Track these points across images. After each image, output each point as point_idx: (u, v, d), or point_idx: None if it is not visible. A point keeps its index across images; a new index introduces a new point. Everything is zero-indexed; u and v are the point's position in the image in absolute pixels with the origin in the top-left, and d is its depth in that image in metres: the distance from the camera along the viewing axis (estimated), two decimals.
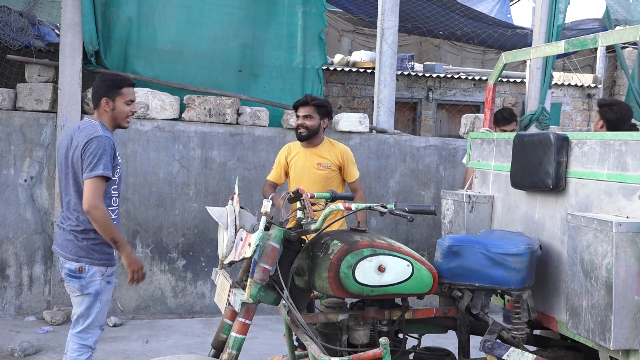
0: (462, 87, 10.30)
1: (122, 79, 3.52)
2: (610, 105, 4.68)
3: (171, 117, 5.96)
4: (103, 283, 3.40)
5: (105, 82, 3.47)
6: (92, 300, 3.37)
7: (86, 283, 3.35)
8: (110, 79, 3.50)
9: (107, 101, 3.40)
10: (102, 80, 3.49)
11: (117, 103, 3.41)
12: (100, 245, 3.35)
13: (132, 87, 3.49)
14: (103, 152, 3.24)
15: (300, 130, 4.41)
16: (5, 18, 6.18)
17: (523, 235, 3.16)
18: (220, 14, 6.32)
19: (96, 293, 3.37)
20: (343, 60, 9.84)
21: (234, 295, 2.64)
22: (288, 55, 6.50)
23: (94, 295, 3.37)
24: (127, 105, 3.44)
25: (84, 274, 3.33)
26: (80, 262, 3.33)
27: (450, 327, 3.13)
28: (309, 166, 4.41)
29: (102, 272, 3.39)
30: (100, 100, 3.41)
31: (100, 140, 3.26)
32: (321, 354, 2.52)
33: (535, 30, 7.00)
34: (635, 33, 2.86)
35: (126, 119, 3.47)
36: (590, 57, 11.80)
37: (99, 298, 3.39)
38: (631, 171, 2.70)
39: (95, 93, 3.44)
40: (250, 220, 2.83)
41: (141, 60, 6.11)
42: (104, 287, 3.41)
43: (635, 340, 2.57)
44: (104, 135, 3.30)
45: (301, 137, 4.43)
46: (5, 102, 5.58)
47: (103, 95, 3.40)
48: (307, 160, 4.43)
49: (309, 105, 4.42)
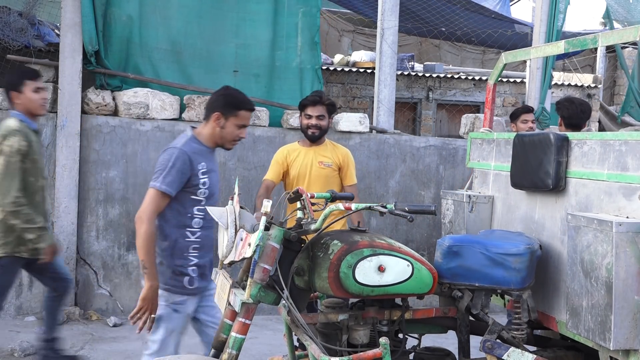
0: (462, 87, 10.30)
1: (244, 100, 3.26)
2: (564, 102, 4.75)
3: (171, 117, 5.96)
4: (168, 309, 3.15)
5: (224, 97, 3.23)
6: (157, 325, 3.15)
7: None
8: (233, 95, 3.26)
9: (219, 117, 3.17)
10: (222, 95, 3.25)
11: (228, 124, 3.19)
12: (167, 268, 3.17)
13: (250, 111, 3.27)
14: (172, 165, 3.03)
15: (313, 131, 4.31)
16: (5, 18, 6.17)
17: (523, 235, 3.16)
18: (218, 15, 6.32)
19: (159, 317, 3.13)
20: (343, 60, 9.83)
21: (234, 295, 2.64)
22: (287, 55, 6.50)
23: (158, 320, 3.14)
24: (237, 128, 3.21)
25: None
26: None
27: (450, 327, 3.13)
28: (311, 164, 4.35)
29: (167, 297, 3.15)
30: (212, 113, 3.18)
31: (173, 153, 3.07)
32: (321, 354, 2.52)
33: (535, 30, 7.00)
34: (635, 33, 2.86)
35: (232, 142, 3.25)
36: (590, 57, 11.80)
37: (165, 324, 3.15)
38: (631, 171, 2.70)
39: (210, 104, 3.24)
40: (250, 220, 2.83)
41: (140, 59, 6.11)
42: (169, 313, 3.15)
43: (635, 340, 2.57)
44: (182, 148, 3.09)
45: (313, 138, 4.34)
46: (5, 102, 5.58)
47: (218, 109, 3.18)
48: (308, 159, 4.37)
49: (322, 105, 4.31)
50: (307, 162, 4.35)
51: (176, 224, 3.16)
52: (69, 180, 5.64)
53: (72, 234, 5.67)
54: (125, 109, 5.82)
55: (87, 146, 5.74)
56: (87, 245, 5.78)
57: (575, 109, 4.64)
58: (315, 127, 4.30)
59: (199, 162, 3.13)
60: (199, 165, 3.13)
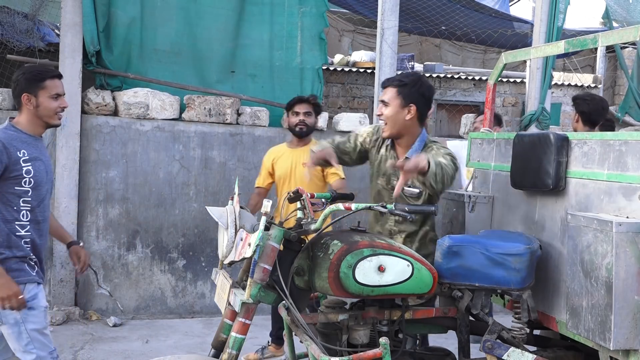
0: (462, 87, 10.30)
1: (45, 70, 3.06)
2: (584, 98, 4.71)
3: (171, 117, 5.97)
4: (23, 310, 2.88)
5: (24, 75, 3.01)
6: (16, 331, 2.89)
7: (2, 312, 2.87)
8: (30, 71, 3.04)
9: (29, 97, 2.99)
10: (21, 74, 3.03)
11: (40, 99, 2.99)
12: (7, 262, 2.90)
13: (57, 78, 3.05)
14: None
15: (301, 127, 4.45)
16: (10, 20, 6.16)
17: (523, 235, 3.16)
18: (217, 15, 6.32)
19: (15, 322, 2.89)
20: (343, 60, 9.83)
21: (234, 295, 2.64)
22: (287, 55, 6.50)
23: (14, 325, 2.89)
24: (53, 100, 3.02)
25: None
26: None
27: (450, 327, 3.13)
28: (295, 164, 4.44)
29: None
30: (20, 98, 2.98)
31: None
32: (321, 354, 2.52)
33: (535, 30, 7.00)
34: (635, 33, 2.86)
35: (55, 115, 3.04)
36: (590, 57, 11.80)
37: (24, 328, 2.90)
38: (631, 171, 2.70)
39: (14, 90, 3.01)
40: (250, 220, 2.83)
41: (140, 59, 6.11)
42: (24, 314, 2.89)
43: (635, 341, 2.57)
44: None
45: (301, 134, 4.49)
46: (5, 102, 5.58)
47: (23, 91, 2.98)
48: (293, 159, 4.47)
49: (308, 103, 4.47)
50: (291, 162, 4.47)
51: (4, 218, 2.95)
52: (69, 180, 5.65)
53: (72, 234, 5.67)
54: (125, 109, 5.82)
55: (87, 146, 5.74)
56: (87, 245, 5.77)
57: (596, 105, 4.61)
58: (303, 124, 4.45)
59: (18, 150, 2.95)
60: (18, 153, 2.94)
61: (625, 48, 10.97)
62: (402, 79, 3.17)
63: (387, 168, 3.26)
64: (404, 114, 3.15)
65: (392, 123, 3.19)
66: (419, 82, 3.14)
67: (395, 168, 2.80)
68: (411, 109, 3.13)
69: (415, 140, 3.21)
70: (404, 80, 3.15)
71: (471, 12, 8.99)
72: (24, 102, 3.02)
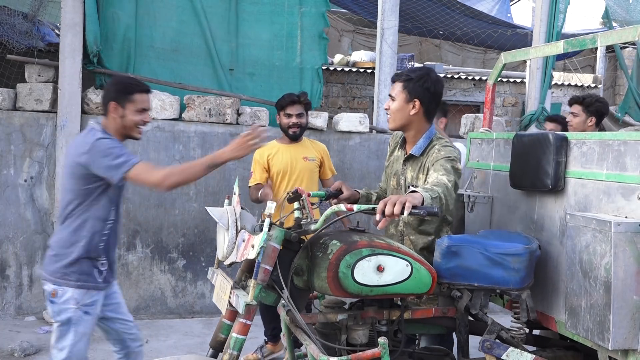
0: (462, 87, 10.30)
1: (136, 83, 3.21)
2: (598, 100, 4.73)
3: (171, 117, 5.97)
4: (78, 312, 3.02)
5: (115, 85, 3.17)
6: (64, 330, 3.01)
7: (58, 309, 3.01)
8: (122, 82, 3.20)
9: (116, 107, 3.09)
10: (113, 83, 3.21)
11: (127, 110, 3.09)
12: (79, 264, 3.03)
13: (146, 93, 3.16)
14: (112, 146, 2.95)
15: (294, 130, 4.45)
16: (10, 21, 6.17)
17: (522, 235, 3.16)
18: (216, 14, 6.33)
19: (68, 321, 3.01)
20: (343, 60, 9.84)
21: (237, 296, 2.64)
22: (287, 55, 6.51)
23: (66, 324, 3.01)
24: (138, 113, 3.12)
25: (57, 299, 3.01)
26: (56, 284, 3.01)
27: (449, 327, 3.14)
28: (295, 159, 4.46)
29: (78, 298, 3.02)
30: (108, 105, 3.10)
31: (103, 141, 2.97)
32: (320, 354, 2.52)
33: (535, 30, 7.01)
34: (635, 33, 2.86)
35: (136, 129, 3.14)
36: (590, 57, 11.80)
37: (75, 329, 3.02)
38: (630, 171, 2.70)
39: (104, 97, 3.14)
40: (250, 220, 2.83)
41: (140, 59, 6.12)
42: (80, 317, 3.03)
43: (634, 340, 2.57)
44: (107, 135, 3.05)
45: (295, 136, 4.49)
46: (5, 102, 5.59)
47: (112, 99, 3.10)
48: (291, 154, 4.48)
49: (300, 104, 4.45)
50: (290, 157, 4.47)
51: (98, 217, 3.06)
52: None
53: None
54: None
55: None
56: None
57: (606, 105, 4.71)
58: (296, 126, 4.44)
59: None
60: None
61: (625, 48, 10.97)
62: (409, 74, 3.18)
63: (398, 168, 3.29)
64: (408, 109, 3.16)
65: (397, 117, 3.20)
66: (424, 77, 3.14)
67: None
68: (415, 104, 3.14)
69: (421, 137, 3.22)
70: (411, 75, 3.16)
71: (468, 19, 9.01)
72: (110, 110, 3.11)
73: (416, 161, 3.21)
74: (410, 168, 3.24)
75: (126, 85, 3.16)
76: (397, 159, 3.36)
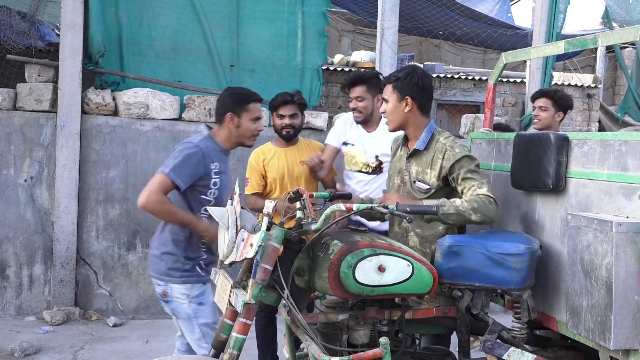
0: (462, 87, 10.30)
1: (250, 93, 3.35)
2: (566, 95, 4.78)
3: (171, 117, 5.97)
4: (193, 305, 3.20)
5: (231, 96, 3.31)
6: (189, 326, 3.21)
7: (174, 307, 3.23)
8: (238, 92, 3.34)
9: (232, 117, 3.25)
10: (227, 95, 3.33)
11: (242, 120, 3.26)
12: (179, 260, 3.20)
13: (259, 102, 3.34)
14: (186, 159, 3.10)
15: (288, 130, 4.21)
16: (7, 20, 6.17)
17: (523, 235, 3.16)
18: (217, 12, 6.34)
19: (188, 317, 3.20)
20: (343, 60, 9.83)
21: (236, 296, 2.64)
22: (287, 53, 6.51)
23: (187, 320, 3.21)
24: (253, 122, 3.29)
25: (169, 297, 3.21)
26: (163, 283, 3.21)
27: (450, 327, 3.13)
28: (292, 164, 4.24)
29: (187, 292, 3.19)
30: (224, 115, 3.25)
31: (188, 147, 3.14)
32: (321, 354, 2.52)
33: (535, 30, 7.01)
34: (635, 33, 2.86)
35: (251, 137, 3.33)
36: (590, 57, 11.81)
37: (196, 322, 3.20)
38: (631, 171, 2.70)
39: (220, 107, 3.29)
40: (250, 220, 2.83)
41: (140, 59, 6.13)
42: (195, 309, 3.20)
43: (635, 340, 2.57)
44: (198, 144, 3.16)
45: (289, 138, 4.26)
46: (5, 102, 5.59)
47: (228, 110, 3.24)
48: (287, 158, 4.26)
49: (294, 104, 4.24)
50: (287, 162, 4.25)
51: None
52: (69, 180, 5.65)
53: (72, 234, 5.67)
54: (125, 109, 5.83)
55: (87, 146, 5.74)
56: (87, 245, 5.78)
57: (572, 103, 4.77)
58: (290, 127, 4.20)
59: (213, 162, 3.19)
60: (212, 165, 3.19)
61: (625, 48, 10.98)
62: (396, 74, 3.25)
63: (401, 166, 3.32)
64: (402, 108, 3.21)
65: (393, 117, 3.26)
66: (411, 74, 3.19)
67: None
68: (408, 101, 3.19)
69: (422, 131, 3.25)
70: (398, 75, 3.23)
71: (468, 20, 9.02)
72: (226, 120, 3.26)
73: (421, 155, 3.23)
74: (414, 163, 3.25)
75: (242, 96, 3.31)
76: (400, 158, 3.38)
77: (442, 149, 3.15)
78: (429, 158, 3.18)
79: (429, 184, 3.16)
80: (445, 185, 3.17)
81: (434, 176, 3.15)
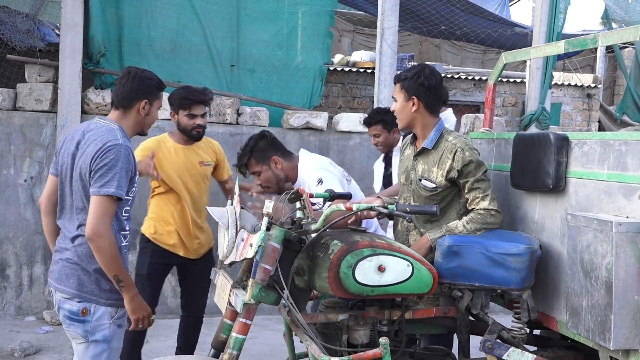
0: (462, 87, 10.30)
1: (161, 81, 2.99)
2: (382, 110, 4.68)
3: None
4: (113, 327, 2.77)
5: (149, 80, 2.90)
6: (101, 350, 2.75)
7: (92, 328, 2.73)
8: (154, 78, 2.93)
9: (146, 104, 2.88)
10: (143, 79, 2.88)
11: (153, 108, 2.91)
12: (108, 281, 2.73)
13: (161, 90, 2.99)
14: (121, 166, 2.69)
15: (198, 131, 4.02)
16: (11, 20, 6.17)
17: (523, 235, 3.16)
18: (218, 12, 6.34)
19: (105, 340, 2.75)
20: (343, 60, 9.83)
21: (236, 296, 2.64)
22: (287, 53, 6.51)
23: (102, 343, 2.75)
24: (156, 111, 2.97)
25: (89, 317, 2.72)
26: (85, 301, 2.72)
27: (450, 327, 3.13)
28: (191, 165, 4.05)
29: (112, 314, 2.77)
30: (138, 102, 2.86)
31: (119, 151, 2.70)
32: (321, 354, 2.52)
33: (535, 30, 7.01)
34: (635, 33, 2.86)
35: (150, 126, 2.99)
36: (590, 57, 11.81)
37: (109, 346, 2.76)
38: (631, 171, 2.70)
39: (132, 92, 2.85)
40: (250, 220, 2.83)
41: (140, 59, 6.12)
42: (114, 331, 2.78)
43: (635, 340, 2.57)
44: (124, 144, 2.75)
45: (199, 138, 4.07)
46: (5, 102, 5.59)
47: (144, 96, 2.86)
48: (187, 158, 4.06)
49: (205, 104, 4.06)
50: (186, 161, 4.04)
51: (116, 229, 2.80)
52: None
53: None
54: None
55: None
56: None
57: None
58: (200, 127, 4.01)
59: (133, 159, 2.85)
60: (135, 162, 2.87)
61: (624, 48, 10.98)
62: (405, 74, 3.25)
63: (408, 165, 3.33)
64: (409, 107, 3.22)
65: (401, 117, 3.27)
66: (418, 74, 3.20)
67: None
68: (414, 101, 3.19)
69: (430, 131, 3.25)
70: (406, 74, 3.24)
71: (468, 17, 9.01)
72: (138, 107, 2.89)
73: (428, 154, 3.23)
74: (421, 162, 3.25)
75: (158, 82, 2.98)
76: (408, 157, 3.38)
77: (452, 149, 3.14)
78: (436, 157, 3.18)
79: (435, 182, 3.16)
80: (451, 185, 3.17)
81: (441, 175, 3.14)
